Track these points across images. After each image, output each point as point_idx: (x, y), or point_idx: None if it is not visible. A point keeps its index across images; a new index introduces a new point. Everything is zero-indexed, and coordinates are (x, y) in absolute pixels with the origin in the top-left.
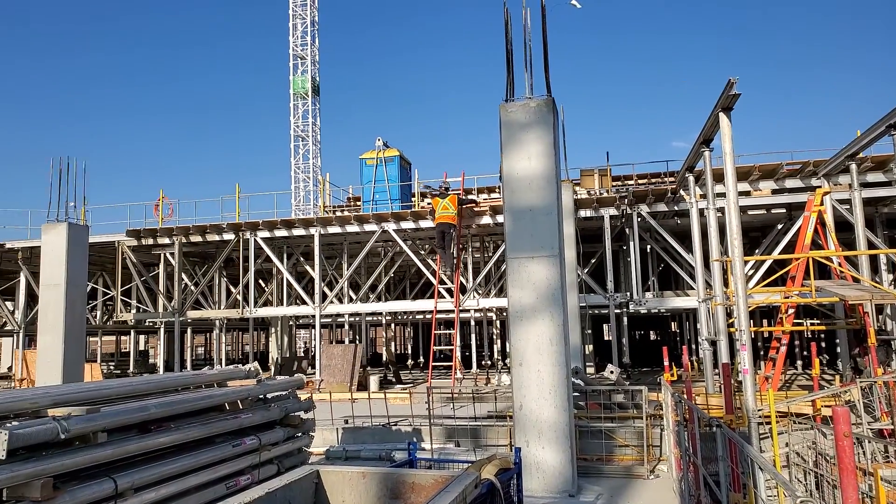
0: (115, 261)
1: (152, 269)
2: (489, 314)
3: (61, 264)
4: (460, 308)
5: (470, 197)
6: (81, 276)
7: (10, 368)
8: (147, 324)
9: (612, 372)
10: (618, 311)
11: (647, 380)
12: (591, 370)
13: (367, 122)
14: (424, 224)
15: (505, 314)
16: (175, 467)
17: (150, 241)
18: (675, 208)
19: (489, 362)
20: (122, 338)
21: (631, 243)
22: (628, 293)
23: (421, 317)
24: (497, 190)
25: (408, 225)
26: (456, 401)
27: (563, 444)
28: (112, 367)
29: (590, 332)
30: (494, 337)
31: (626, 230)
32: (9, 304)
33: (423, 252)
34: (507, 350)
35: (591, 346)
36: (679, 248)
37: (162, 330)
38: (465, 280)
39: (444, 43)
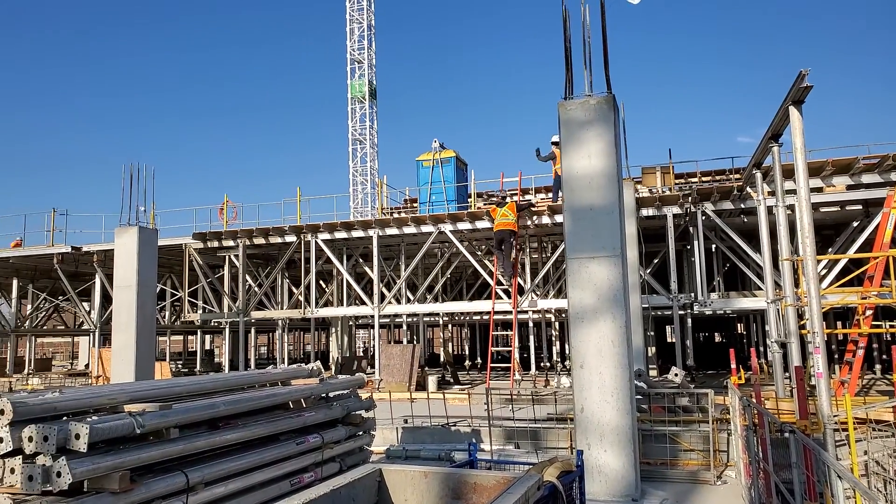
0: (182, 263)
1: (218, 271)
2: (548, 315)
3: (133, 266)
4: (518, 309)
5: (527, 198)
6: (151, 278)
7: (87, 366)
8: (213, 324)
9: (676, 374)
10: (681, 312)
11: (713, 383)
12: (653, 373)
13: (424, 123)
14: (481, 225)
15: (564, 315)
16: (242, 463)
17: (216, 244)
18: (742, 206)
19: (548, 364)
20: (189, 337)
21: (695, 242)
22: (692, 294)
23: (478, 318)
24: None
25: (464, 226)
26: (515, 402)
27: (625, 447)
28: (180, 366)
29: (652, 333)
30: (553, 338)
31: (690, 229)
32: (85, 304)
33: (479, 253)
34: (567, 352)
35: (653, 349)
36: (746, 247)
37: (227, 330)
38: (523, 281)
39: (500, 43)
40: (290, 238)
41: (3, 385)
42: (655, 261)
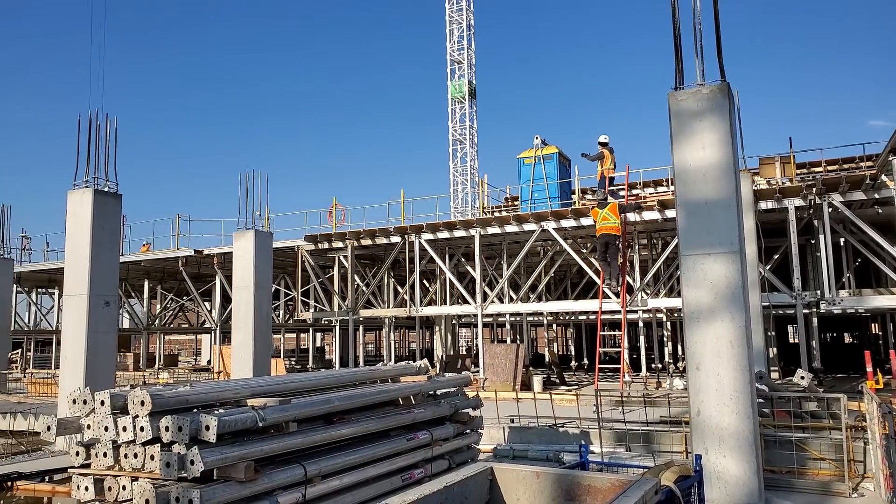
0: (295, 264)
1: (328, 271)
2: (658, 315)
3: (250, 268)
4: (627, 309)
5: (634, 193)
6: (267, 279)
7: (208, 361)
8: (323, 322)
9: (802, 377)
10: (806, 311)
11: (844, 387)
12: (775, 375)
13: (525, 121)
14: (586, 222)
15: (676, 315)
16: (356, 457)
17: (326, 245)
18: (876, 196)
19: (659, 365)
20: (302, 335)
21: (821, 236)
22: (818, 291)
23: (584, 317)
24: (664, 183)
25: (568, 223)
26: (625, 404)
27: (746, 453)
28: (293, 362)
29: (773, 334)
30: (665, 339)
31: (815, 222)
32: (207, 304)
33: (584, 251)
34: (680, 352)
35: (774, 350)
36: (881, 240)
37: (337, 327)
38: (632, 279)
39: (602, 37)
40: (395, 239)
41: (137, 379)
42: (776, 256)
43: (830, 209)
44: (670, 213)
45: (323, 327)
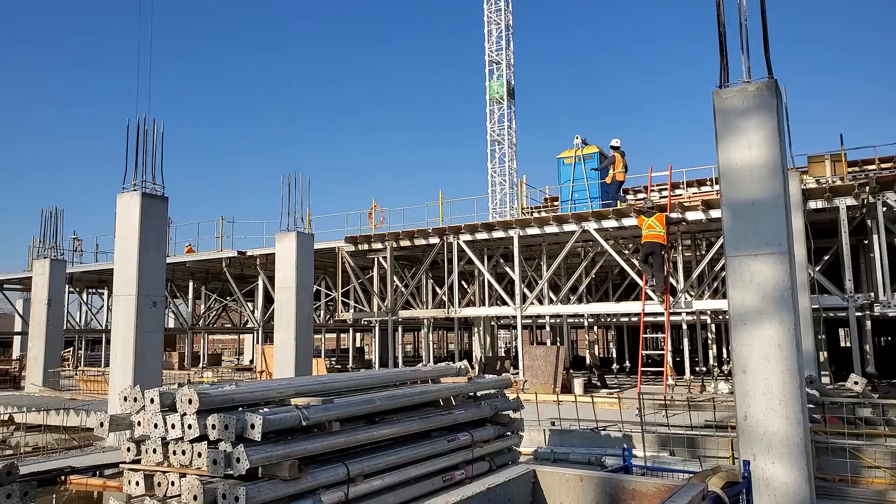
0: (335, 265)
1: (367, 272)
2: (702, 317)
3: (292, 269)
4: (670, 311)
5: (677, 193)
6: (309, 280)
7: (251, 361)
8: (363, 322)
9: (856, 382)
10: (859, 314)
11: None
12: (825, 380)
13: (565, 120)
14: (628, 222)
15: (720, 317)
16: (397, 458)
17: (365, 247)
18: None
19: (703, 368)
20: (342, 335)
21: (874, 236)
22: (872, 294)
23: (625, 319)
24: (708, 183)
25: (610, 224)
26: (668, 408)
27: (797, 459)
28: (333, 362)
29: (823, 337)
30: (709, 341)
31: (868, 222)
32: (249, 304)
33: (626, 252)
34: (724, 355)
35: (825, 354)
36: None
37: (376, 328)
38: (675, 281)
39: (642, 36)
40: (434, 240)
41: (182, 377)
42: (826, 257)
43: (885, 208)
44: (714, 214)
45: (362, 328)
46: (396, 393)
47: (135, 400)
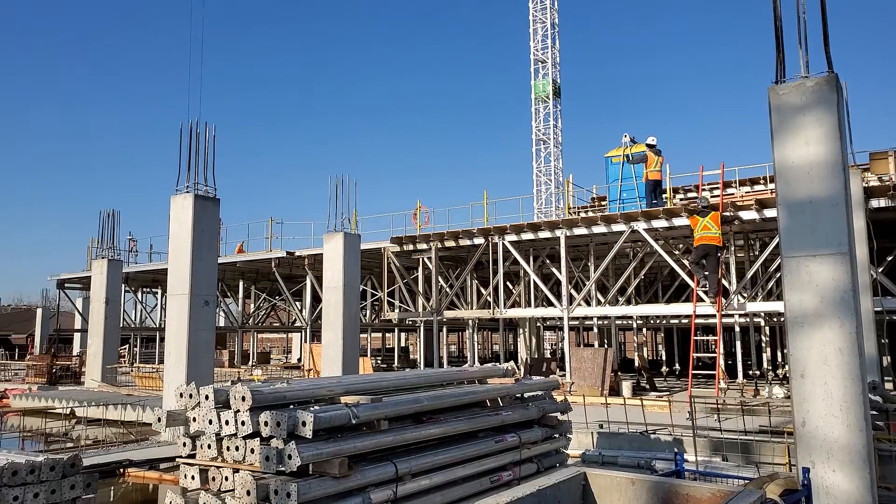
0: (381, 265)
1: (412, 273)
2: (756, 319)
3: (339, 269)
4: (723, 313)
5: (729, 192)
6: (355, 279)
7: (299, 359)
8: (408, 322)
9: None
10: None
11: None
12: (889, 385)
13: (612, 120)
14: (678, 222)
15: (774, 319)
16: (445, 458)
17: (410, 247)
18: None
19: (756, 372)
20: (387, 334)
21: None
22: None
23: (675, 321)
24: (761, 181)
25: (660, 224)
26: (721, 412)
27: (859, 468)
28: (379, 361)
29: (886, 341)
30: (763, 344)
31: None
32: (297, 303)
33: (677, 252)
34: (779, 359)
35: (888, 359)
36: None
37: (421, 328)
38: (728, 282)
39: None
40: (478, 240)
41: (232, 375)
42: (889, 258)
43: None
44: (769, 213)
45: (407, 327)
46: (443, 393)
47: (190, 396)
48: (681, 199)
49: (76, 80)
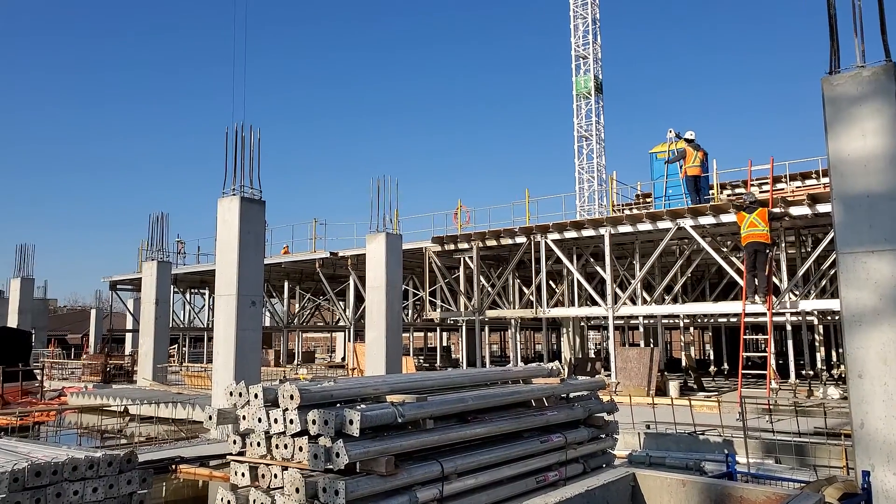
0: (422, 265)
1: (454, 272)
2: (808, 318)
3: (381, 269)
4: (773, 311)
5: (779, 187)
6: (397, 279)
7: (342, 359)
8: (450, 322)
9: None
10: None
11: None
12: None
13: (655, 116)
14: (726, 218)
15: (828, 318)
16: (490, 457)
17: (452, 247)
18: None
19: (810, 372)
20: (429, 334)
21: None
22: None
23: (724, 320)
24: (813, 175)
25: (707, 220)
26: (773, 413)
27: None
28: (421, 360)
29: None
30: (817, 344)
31: None
32: (341, 303)
33: (724, 249)
34: (834, 358)
35: None
36: None
37: (463, 327)
38: (779, 280)
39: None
40: (520, 239)
41: (278, 374)
42: None
43: None
44: (822, 208)
45: (449, 327)
46: (488, 392)
47: (239, 395)
48: (728, 195)
49: (132, 80)
